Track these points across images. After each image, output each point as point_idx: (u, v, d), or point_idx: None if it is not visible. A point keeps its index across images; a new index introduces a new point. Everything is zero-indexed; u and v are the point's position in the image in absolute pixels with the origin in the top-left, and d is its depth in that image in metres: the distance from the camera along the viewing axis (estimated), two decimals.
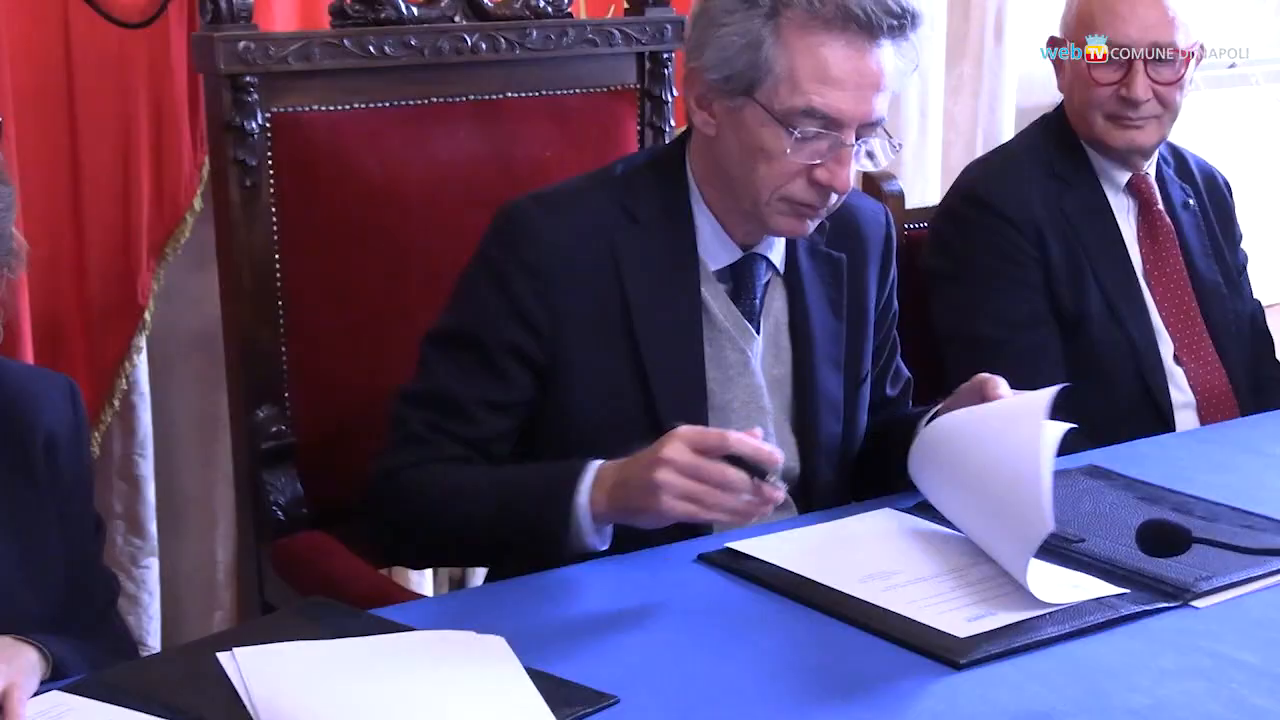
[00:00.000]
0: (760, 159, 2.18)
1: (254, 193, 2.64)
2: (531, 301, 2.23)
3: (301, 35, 2.72)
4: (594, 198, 2.31)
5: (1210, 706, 1.76)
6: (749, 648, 1.91)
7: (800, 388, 2.38)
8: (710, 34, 2.19)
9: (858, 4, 2.10)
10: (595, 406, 2.27)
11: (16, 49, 2.95)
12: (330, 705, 1.70)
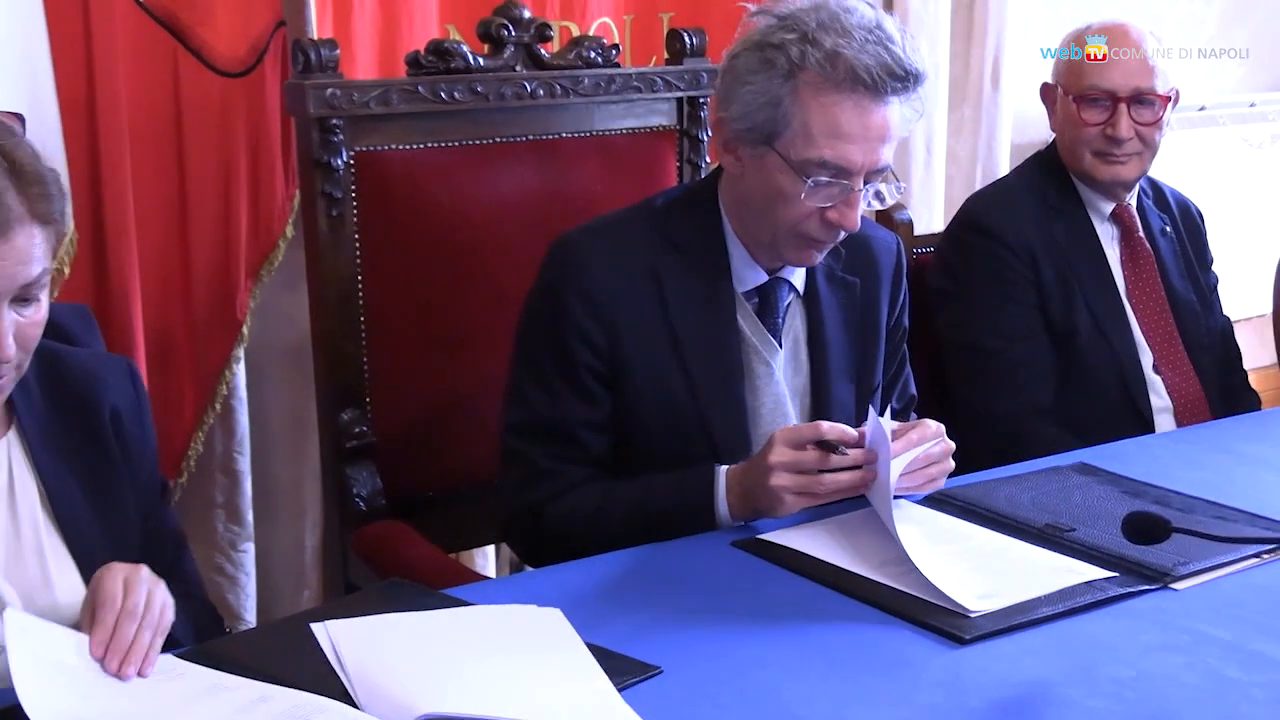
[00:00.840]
0: (778, 200, 2.19)
1: (339, 221, 2.65)
2: (589, 324, 2.23)
3: (381, 83, 2.72)
4: (637, 228, 2.32)
5: (1187, 678, 1.75)
6: (778, 625, 1.91)
7: (817, 396, 2.38)
8: (736, 90, 2.19)
9: (865, 69, 2.10)
10: (652, 410, 2.28)
11: (134, 95, 2.97)
12: (412, 669, 1.70)
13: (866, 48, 2.11)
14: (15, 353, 1.68)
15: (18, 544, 1.82)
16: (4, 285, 1.65)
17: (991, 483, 2.37)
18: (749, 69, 2.18)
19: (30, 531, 1.83)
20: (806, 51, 2.13)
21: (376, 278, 2.70)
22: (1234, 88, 4.88)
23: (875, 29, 2.13)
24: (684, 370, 2.27)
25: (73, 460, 1.88)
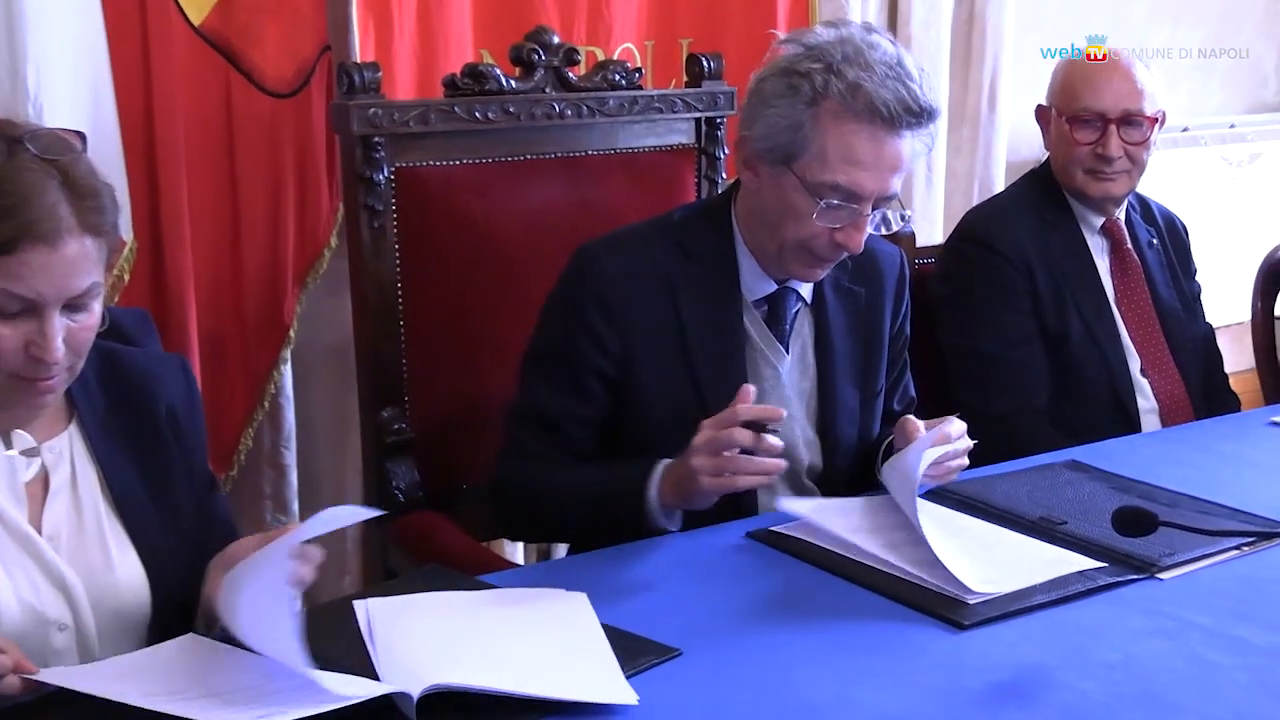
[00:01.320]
0: (791, 217, 2.19)
1: (380, 233, 2.66)
2: (603, 328, 2.24)
3: (420, 103, 2.73)
4: (653, 240, 2.32)
5: (1173, 661, 1.76)
6: (789, 611, 1.91)
7: (823, 399, 2.37)
8: (761, 111, 2.19)
9: (883, 102, 2.10)
10: (660, 411, 2.27)
11: (189, 114, 2.98)
12: (431, 644, 1.72)
13: (886, 83, 2.11)
14: (64, 355, 1.68)
15: (80, 529, 1.82)
16: (54, 293, 1.65)
17: (990, 478, 2.38)
18: (775, 93, 2.18)
19: (92, 517, 1.83)
20: (830, 81, 2.12)
21: (415, 285, 2.70)
22: (1215, 110, 4.87)
23: (896, 65, 2.13)
24: (692, 373, 2.27)
25: (130, 451, 1.88)
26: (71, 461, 1.84)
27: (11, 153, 1.66)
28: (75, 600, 1.78)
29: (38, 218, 1.63)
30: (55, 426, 1.84)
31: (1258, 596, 1.94)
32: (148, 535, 1.85)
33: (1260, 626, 1.85)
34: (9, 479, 1.77)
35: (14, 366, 1.67)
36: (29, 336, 1.66)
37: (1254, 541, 2.09)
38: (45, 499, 1.80)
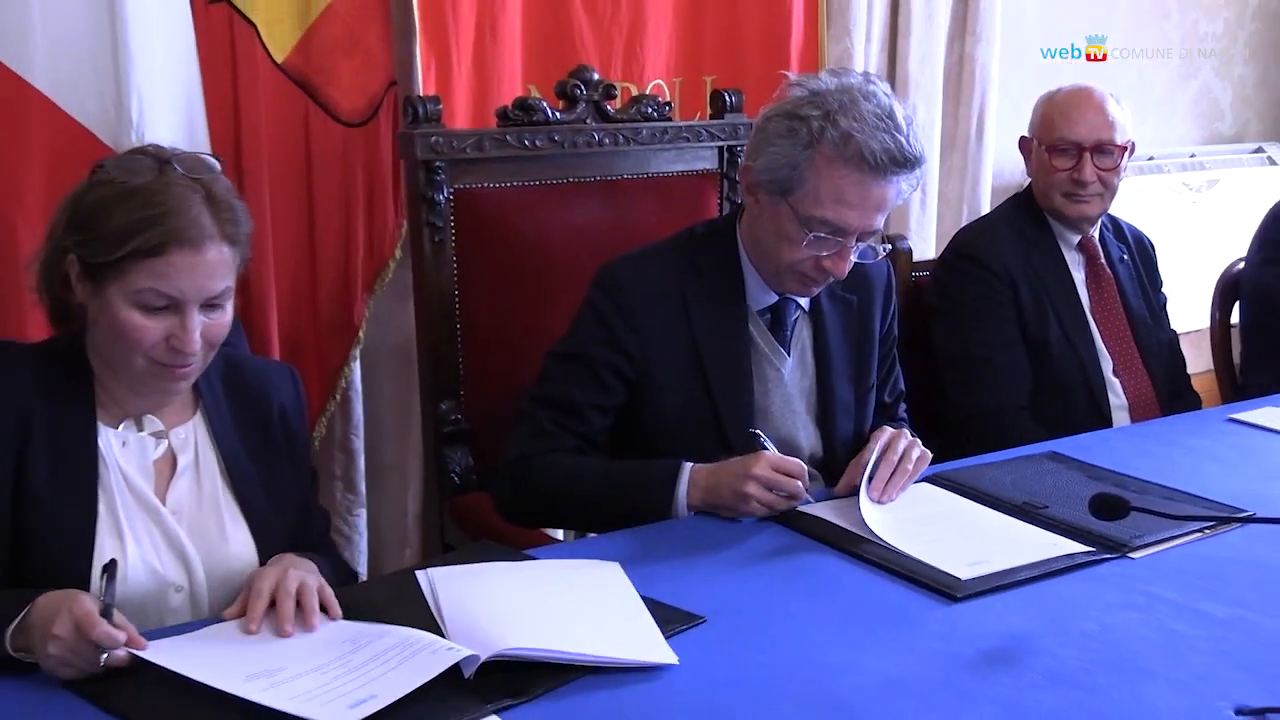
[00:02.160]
0: (785, 243, 2.18)
1: (440, 246, 2.67)
2: (624, 334, 2.24)
3: (476, 133, 2.73)
4: (668, 256, 2.32)
5: (1143, 631, 1.76)
6: (803, 583, 1.91)
7: (822, 395, 2.36)
8: (764, 147, 2.19)
9: (871, 152, 2.09)
10: (673, 408, 2.27)
11: (272, 141, 2.99)
12: (493, 610, 1.71)
13: (877, 134, 2.09)
14: (201, 347, 1.74)
15: (200, 504, 1.85)
16: (194, 293, 1.72)
17: (978, 467, 2.37)
18: (777, 133, 2.17)
19: (210, 494, 1.86)
20: (826, 129, 2.12)
21: (470, 293, 2.71)
22: (1177, 142, 4.86)
23: (886, 117, 2.11)
24: (701, 373, 2.26)
25: (246, 441, 1.91)
26: (195, 446, 1.87)
27: (162, 171, 1.74)
28: (191, 566, 1.81)
29: (183, 225, 1.69)
30: (183, 415, 1.87)
31: (1218, 574, 1.94)
32: (258, 513, 1.88)
33: (1221, 601, 1.84)
34: (140, 457, 1.82)
35: (155, 354, 1.73)
36: (170, 329, 1.72)
37: (1215, 525, 2.09)
38: (171, 476, 1.84)
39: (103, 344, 1.78)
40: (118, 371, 1.79)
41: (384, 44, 3.09)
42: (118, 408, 1.82)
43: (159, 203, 1.70)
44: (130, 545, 1.77)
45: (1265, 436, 2.59)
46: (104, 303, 1.73)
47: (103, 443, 1.80)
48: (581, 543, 2.36)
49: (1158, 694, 1.60)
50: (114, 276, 1.71)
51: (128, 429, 1.82)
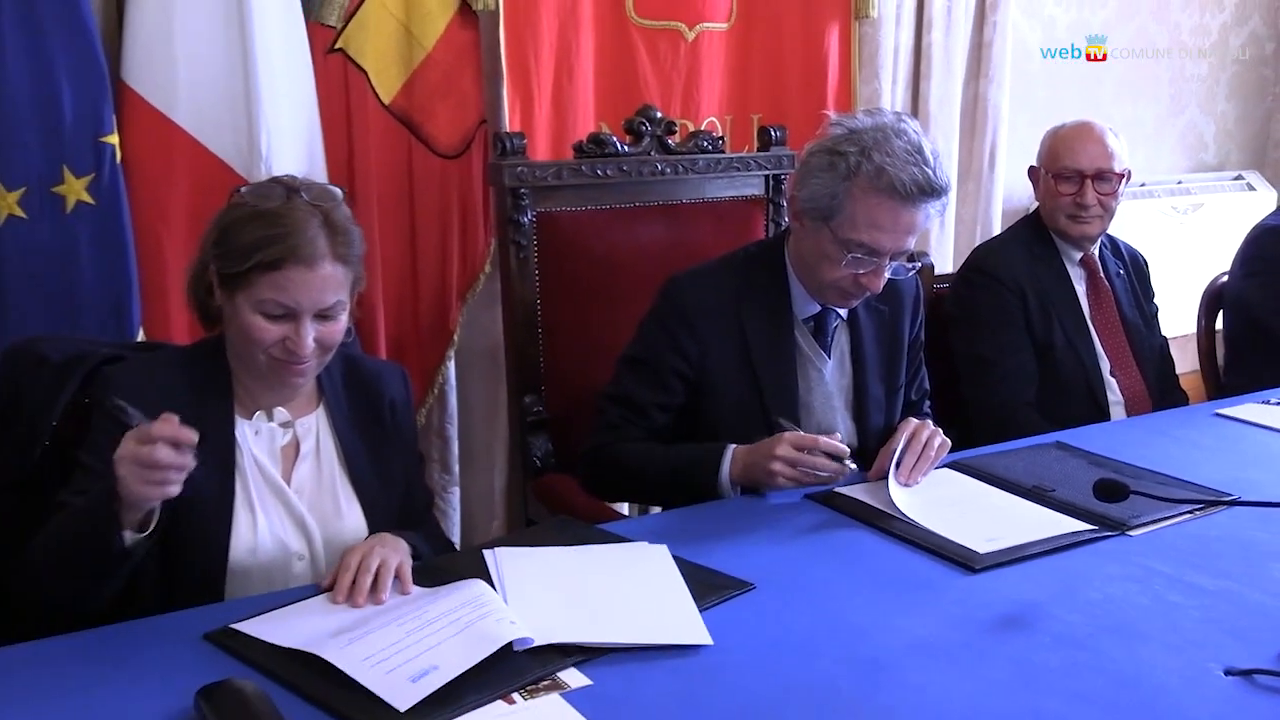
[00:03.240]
0: (826, 262, 2.17)
1: (524, 262, 2.67)
2: (685, 339, 2.24)
3: (555, 164, 2.74)
4: (725, 271, 2.31)
5: (1140, 600, 1.74)
6: (839, 555, 1.90)
7: (857, 393, 2.35)
8: (808, 179, 2.17)
9: (901, 184, 2.07)
10: (727, 404, 2.26)
11: (380, 171, 3.03)
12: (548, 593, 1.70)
13: (907, 168, 2.08)
14: (312, 352, 1.76)
15: (319, 485, 1.87)
16: (308, 304, 1.74)
17: (993, 455, 2.35)
18: (819, 166, 2.16)
19: (329, 478, 1.88)
20: (862, 163, 2.10)
21: (550, 301, 2.71)
22: (1166, 170, 4.80)
23: (916, 152, 2.09)
24: (752, 374, 2.25)
25: (361, 432, 1.92)
26: (317, 434, 1.89)
27: (289, 198, 1.76)
28: (312, 538, 1.82)
29: (300, 244, 1.71)
30: (307, 408, 1.89)
31: (1207, 550, 1.91)
32: (368, 492, 1.89)
33: (1210, 574, 1.82)
34: (269, 444, 1.84)
35: (274, 353, 1.76)
36: (286, 334, 1.74)
37: (1203, 507, 2.06)
38: (295, 460, 1.86)
39: (235, 344, 1.81)
40: (249, 368, 1.81)
41: (476, 87, 3.10)
42: (251, 401, 1.84)
43: (281, 224, 1.72)
44: (260, 520, 1.80)
45: (1247, 429, 2.55)
46: (235, 308, 1.76)
47: (239, 432, 1.82)
48: (645, 519, 2.37)
49: (1154, 656, 1.58)
50: (242, 286, 1.73)
51: (259, 420, 1.84)
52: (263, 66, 2.72)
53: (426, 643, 1.51)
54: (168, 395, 1.75)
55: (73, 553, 1.60)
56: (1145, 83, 4.68)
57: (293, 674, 1.48)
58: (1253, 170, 5.00)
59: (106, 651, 1.55)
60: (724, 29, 3.46)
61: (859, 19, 3.65)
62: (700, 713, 1.43)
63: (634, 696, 1.46)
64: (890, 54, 3.82)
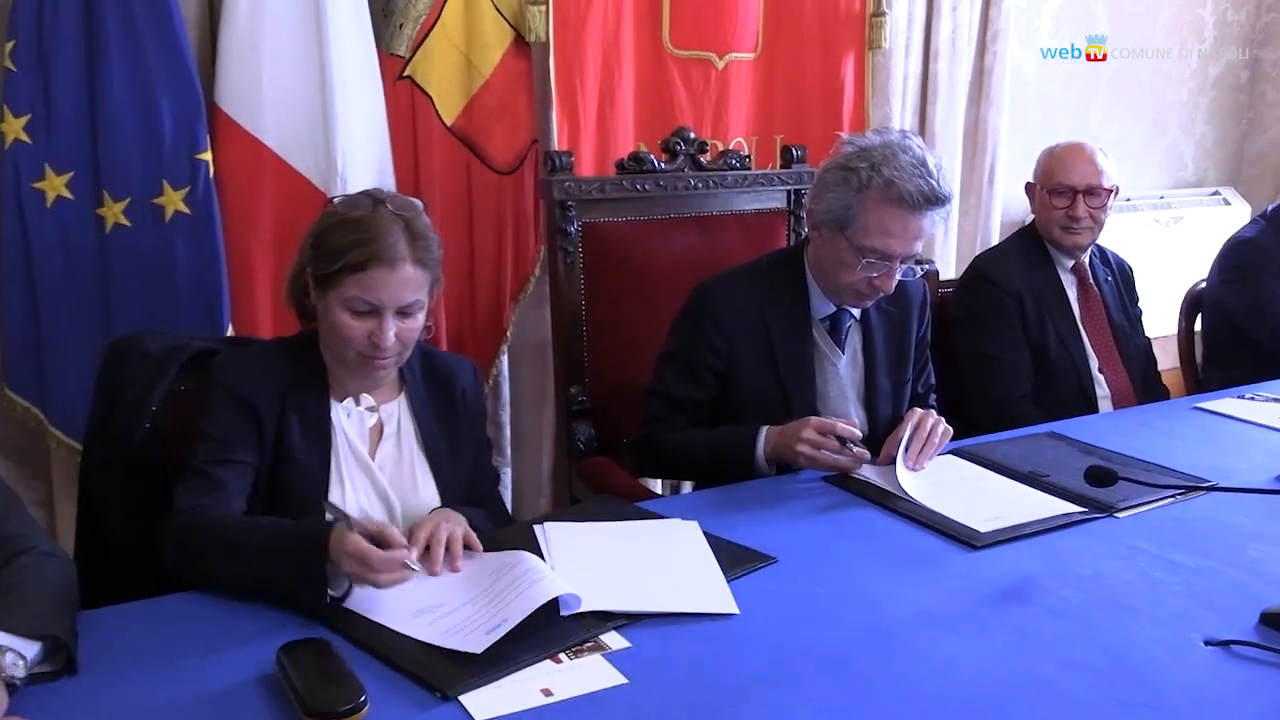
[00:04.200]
0: (842, 268, 2.16)
1: (571, 267, 2.66)
2: (715, 337, 2.23)
3: (599, 179, 2.72)
4: (750, 276, 2.30)
5: (1126, 576, 1.72)
6: (853, 532, 1.89)
7: (868, 386, 2.33)
8: (824, 193, 2.17)
9: (908, 194, 2.06)
10: (752, 394, 2.25)
11: (443, 185, 3.02)
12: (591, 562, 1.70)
13: (913, 179, 2.07)
14: (394, 345, 1.77)
15: (400, 463, 1.88)
16: (390, 302, 1.75)
17: (992, 443, 2.32)
18: (834, 181, 2.15)
19: (408, 457, 1.89)
20: (873, 177, 2.09)
21: (594, 303, 2.70)
22: (1149, 186, 4.74)
23: (920, 165, 2.09)
24: (775, 368, 2.24)
25: (436, 417, 1.93)
26: (398, 418, 1.90)
27: (375, 207, 1.78)
28: (392, 509, 1.84)
29: (383, 248, 1.72)
30: (390, 394, 1.90)
31: (1188, 531, 1.88)
32: (442, 470, 1.90)
33: (1190, 553, 1.79)
34: (358, 425, 1.86)
35: (360, 348, 1.77)
36: (371, 329, 1.76)
37: (1184, 492, 2.03)
38: (379, 440, 1.87)
39: (327, 338, 1.82)
40: (339, 359, 1.83)
41: (528, 111, 3.10)
42: (342, 388, 1.86)
43: (368, 230, 1.73)
44: (349, 492, 1.82)
45: (1224, 422, 2.51)
46: (326, 306, 1.77)
47: (333, 414, 1.84)
48: (677, 498, 2.36)
49: (1140, 627, 1.56)
50: (332, 285, 1.75)
51: (349, 404, 1.86)
52: (339, 91, 2.73)
53: (493, 608, 1.52)
54: (273, 380, 1.80)
55: (257, 569, 1.57)
56: (1130, 106, 4.63)
57: (369, 636, 1.48)
58: (1228, 186, 4.94)
59: (201, 611, 1.56)
60: (750, 58, 3.43)
61: (872, 49, 3.62)
62: (728, 672, 1.43)
63: (668, 657, 1.46)
64: (900, 81, 3.79)
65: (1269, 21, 4.84)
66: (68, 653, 1.39)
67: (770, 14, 3.44)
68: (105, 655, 1.43)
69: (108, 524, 1.91)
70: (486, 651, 1.42)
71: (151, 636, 1.49)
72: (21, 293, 2.61)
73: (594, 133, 3.18)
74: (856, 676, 1.43)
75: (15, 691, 1.32)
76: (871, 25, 3.58)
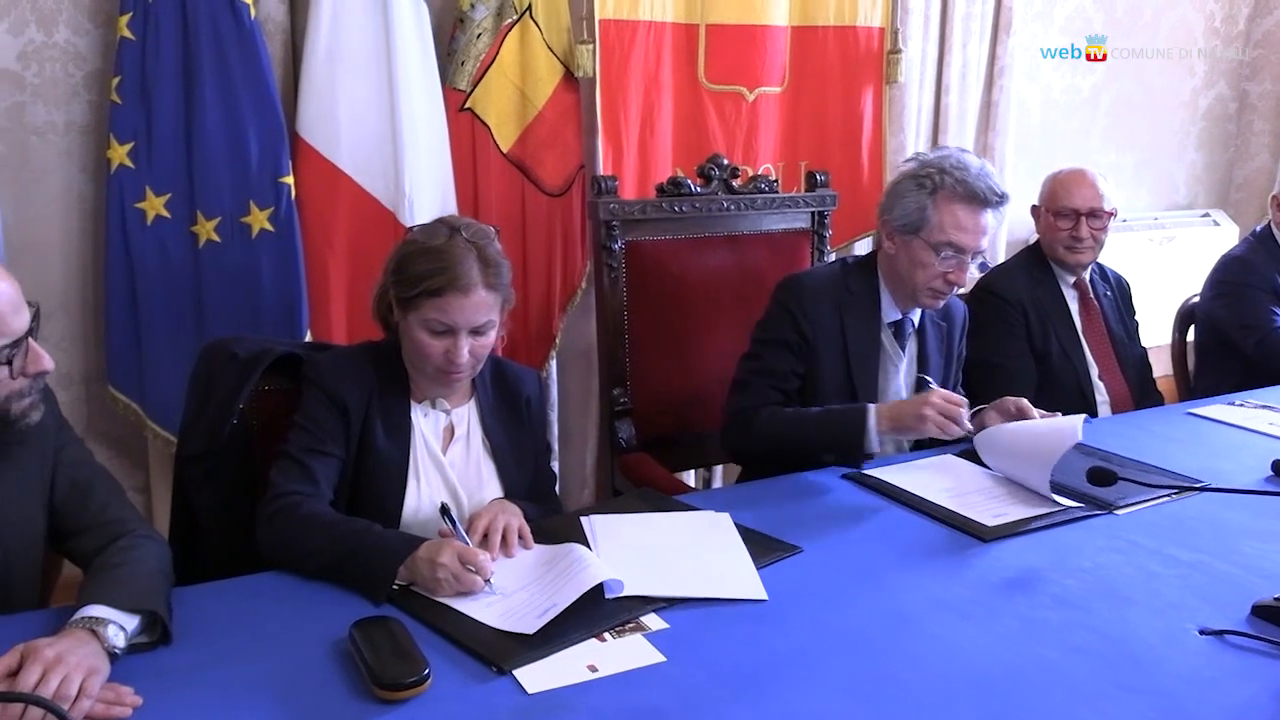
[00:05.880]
0: (919, 268, 2.16)
1: (615, 280, 2.65)
2: (802, 322, 2.21)
3: (641, 201, 2.71)
4: (829, 276, 2.28)
5: (1125, 569, 1.69)
6: (872, 525, 1.87)
7: (919, 388, 2.30)
8: (896, 201, 2.19)
9: (980, 191, 2.11)
10: (825, 383, 2.21)
11: (499, 207, 3.02)
12: (632, 552, 1.69)
13: (980, 179, 2.12)
14: (468, 361, 1.76)
15: (468, 462, 1.87)
16: (464, 323, 1.75)
17: None
18: (906, 190, 2.18)
19: (475, 457, 1.88)
20: (944, 178, 2.13)
21: (635, 313, 2.67)
22: (1144, 208, 4.67)
23: (981, 169, 2.15)
24: (846, 363, 2.22)
25: (503, 421, 1.92)
26: (468, 421, 1.89)
27: (451, 236, 1.77)
28: (461, 504, 1.84)
29: (458, 275, 1.72)
30: (463, 399, 1.90)
31: (1183, 528, 1.85)
32: (506, 469, 1.89)
33: (1185, 548, 1.76)
34: (433, 426, 1.86)
35: (437, 363, 1.77)
36: (447, 347, 1.75)
37: (1179, 491, 2.00)
38: (450, 441, 1.87)
39: (408, 351, 1.82)
40: (418, 369, 1.83)
41: (576, 139, 3.09)
42: (421, 392, 1.86)
43: (443, 259, 1.73)
44: (423, 486, 1.82)
45: (1215, 426, 2.47)
46: (407, 325, 1.78)
47: (412, 416, 1.84)
48: (711, 492, 2.34)
49: (1138, 617, 1.53)
50: (412, 307, 1.75)
51: (425, 407, 1.86)
52: (407, 122, 2.74)
53: (545, 594, 1.52)
54: (362, 382, 1.80)
55: (331, 558, 1.58)
56: (1127, 134, 4.56)
57: (434, 615, 1.48)
58: (1218, 209, 4.86)
59: (282, 589, 1.57)
60: (778, 92, 3.41)
61: (889, 84, 3.59)
62: (757, 652, 1.42)
63: (703, 638, 1.45)
64: (914, 113, 3.75)
65: (1256, 58, 4.76)
66: (163, 625, 1.41)
67: (796, 51, 3.42)
68: (196, 628, 1.44)
69: (199, 509, 1.92)
70: (538, 631, 1.42)
71: (237, 611, 1.50)
72: (124, 301, 2.64)
73: (636, 159, 3.18)
74: (874, 658, 1.41)
75: (116, 660, 1.34)
76: (889, 61, 3.56)
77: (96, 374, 2.79)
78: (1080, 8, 4.28)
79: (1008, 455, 2.04)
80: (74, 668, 1.26)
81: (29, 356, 1.44)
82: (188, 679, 1.33)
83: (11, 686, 1.23)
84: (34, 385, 1.48)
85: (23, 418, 1.47)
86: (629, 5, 3.09)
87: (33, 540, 1.55)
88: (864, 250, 3.60)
